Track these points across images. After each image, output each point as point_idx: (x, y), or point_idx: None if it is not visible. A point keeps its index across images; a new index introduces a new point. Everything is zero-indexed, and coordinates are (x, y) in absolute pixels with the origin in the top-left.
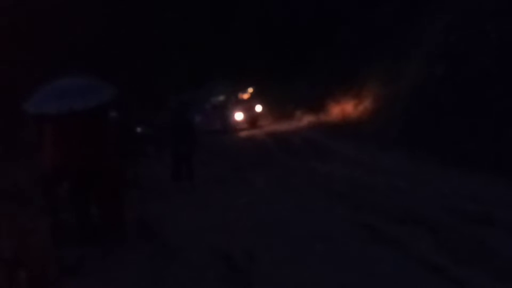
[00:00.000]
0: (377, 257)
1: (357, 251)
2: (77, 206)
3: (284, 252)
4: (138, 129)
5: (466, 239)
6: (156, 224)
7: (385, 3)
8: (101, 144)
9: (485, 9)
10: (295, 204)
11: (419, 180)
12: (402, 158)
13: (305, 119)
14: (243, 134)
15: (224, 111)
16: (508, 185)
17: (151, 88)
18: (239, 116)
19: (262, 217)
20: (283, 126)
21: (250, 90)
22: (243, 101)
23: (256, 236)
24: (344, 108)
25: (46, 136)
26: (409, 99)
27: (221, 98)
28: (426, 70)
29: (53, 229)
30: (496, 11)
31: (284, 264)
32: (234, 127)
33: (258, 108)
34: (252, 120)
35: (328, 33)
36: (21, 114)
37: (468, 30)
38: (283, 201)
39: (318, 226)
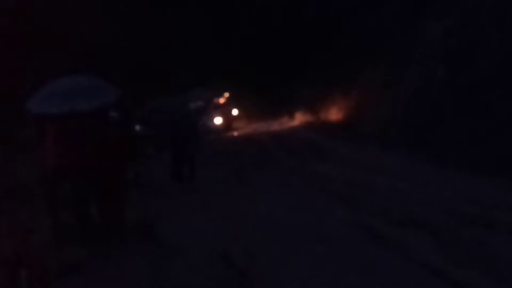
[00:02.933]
0: (377, 258)
1: (357, 252)
2: (77, 206)
3: (284, 252)
4: (137, 127)
5: (466, 242)
6: (156, 224)
7: (385, 5)
8: (101, 144)
9: (485, 11)
10: (295, 205)
11: (419, 182)
12: (402, 159)
13: (305, 120)
14: (238, 134)
15: (203, 116)
16: (509, 187)
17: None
18: (217, 120)
19: (262, 218)
20: (284, 127)
21: (227, 95)
22: (220, 105)
23: (256, 237)
24: (344, 110)
25: (48, 136)
26: (410, 100)
27: (200, 103)
28: (427, 72)
29: (54, 229)
30: (497, 13)
31: (283, 264)
32: (213, 130)
33: (234, 112)
34: (229, 123)
35: (329, 35)
36: (23, 113)
37: (469, 32)
38: (283, 202)
39: (318, 227)
